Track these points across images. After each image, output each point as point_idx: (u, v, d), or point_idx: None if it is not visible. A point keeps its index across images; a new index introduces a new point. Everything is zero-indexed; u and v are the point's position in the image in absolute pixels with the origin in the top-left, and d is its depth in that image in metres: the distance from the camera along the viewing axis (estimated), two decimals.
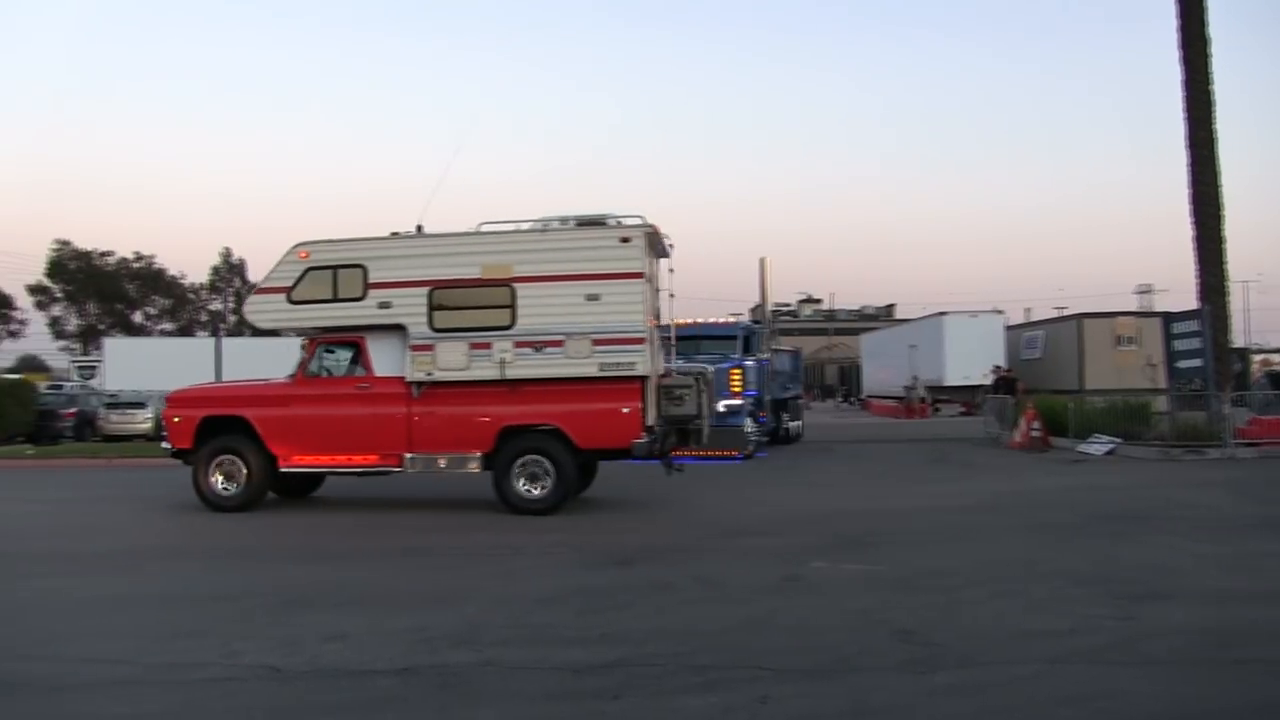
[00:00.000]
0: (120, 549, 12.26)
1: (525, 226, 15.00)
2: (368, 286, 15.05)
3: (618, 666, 6.73)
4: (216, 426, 15.59)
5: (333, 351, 15.76)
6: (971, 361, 43.01)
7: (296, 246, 15.47)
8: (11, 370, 72.33)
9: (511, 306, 14.63)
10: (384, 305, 14.97)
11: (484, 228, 15.13)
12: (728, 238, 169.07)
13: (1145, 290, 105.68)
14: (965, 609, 8.37)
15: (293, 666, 6.85)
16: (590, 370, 14.43)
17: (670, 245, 16.14)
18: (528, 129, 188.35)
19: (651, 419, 15.00)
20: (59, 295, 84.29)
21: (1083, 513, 13.90)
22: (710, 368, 24.06)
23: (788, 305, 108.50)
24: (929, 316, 51.15)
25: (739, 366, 25.24)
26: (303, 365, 15.77)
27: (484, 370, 14.64)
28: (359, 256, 15.20)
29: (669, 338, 17.19)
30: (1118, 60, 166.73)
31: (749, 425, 24.54)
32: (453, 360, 14.69)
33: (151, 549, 12.21)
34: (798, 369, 35.36)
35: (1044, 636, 7.38)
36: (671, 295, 16.99)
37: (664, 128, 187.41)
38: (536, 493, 14.67)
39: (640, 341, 14.39)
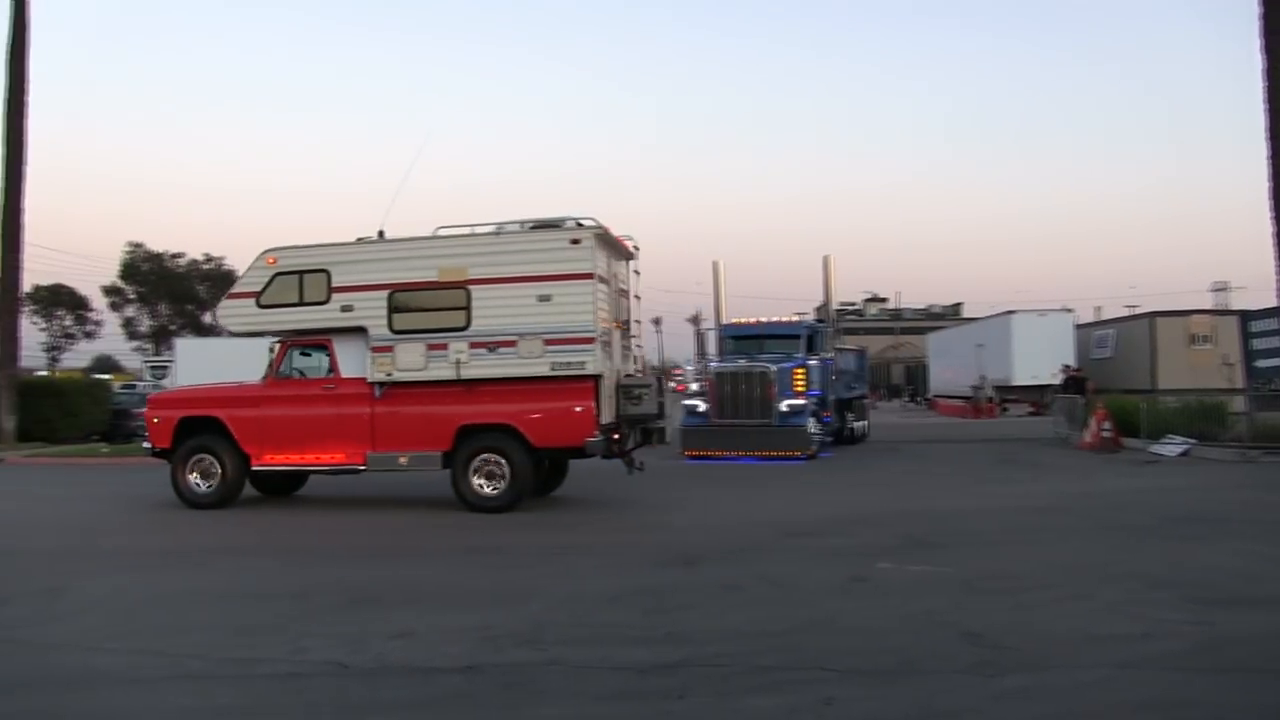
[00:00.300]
0: (188, 546, 12.47)
1: (481, 230, 15.39)
2: (331, 290, 15.56)
3: (682, 667, 6.72)
4: (194, 427, 16.21)
5: (306, 354, 16.33)
6: (1040, 361, 42.46)
7: (265, 253, 16.08)
8: (90, 370, 73.78)
9: (467, 308, 15.06)
10: (346, 308, 15.48)
11: (441, 232, 15.59)
12: (792, 237, 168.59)
13: (1221, 287, 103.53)
14: (1034, 611, 8.24)
15: (359, 663, 6.91)
16: (542, 370, 14.78)
17: (634, 249, 16.67)
18: (576, 126, 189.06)
19: (609, 418, 15.29)
20: (132, 296, 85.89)
21: (1156, 515, 13.65)
22: (773, 367, 24.16)
23: (853, 304, 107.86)
24: (996, 315, 50.55)
25: (802, 366, 25.17)
26: (273, 367, 16.33)
27: (441, 371, 15.08)
28: (323, 261, 15.73)
29: (635, 337, 17.48)
30: (1193, 52, 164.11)
31: (812, 425, 24.36)
32: (411, 361, 15.17)
33: (219, 546, 12.40)
34: (863, 368, 34.93)
35: (1115, 641, 7.25)
36: (637, 297, 17.44)
37: (722, 126, 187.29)
38: (491, 491, 15.08)
39: (590, 341, 14.65)
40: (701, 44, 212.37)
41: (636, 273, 17.25)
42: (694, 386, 26.36)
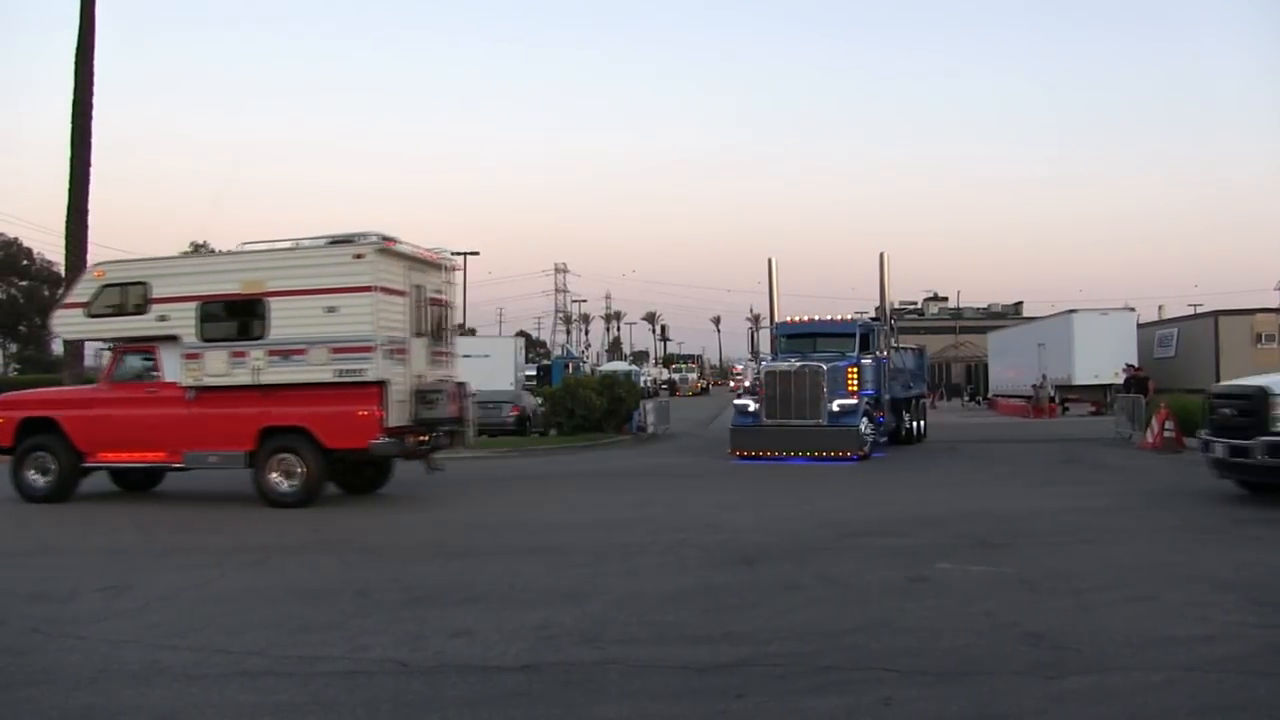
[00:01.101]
0: (245, 544, 12.63)
1: (280, 245, 16.46)
2: (150, 301, 16.74)
3: (741, 666, 6.73)
4: (34, 427, 17.36)
5: (139, 359, 17.18)
6: (1101, 360, 42.04)
7: (94, 266, 17.92)
8: None
9: (264, 318, 16.11)
10: (162, 318, 16.61)
11: (245, 247, 16.79)
12: (854, 236, 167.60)
13: None
14: (1097, 613, 8.15)
15: (419, 661, 6.98)
16: (328, 376, 15.79)
17: (447, 259, 18.03)
18: (667, 122, 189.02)
19: (401, 421, 16.23)
20: None
21: (1219, 515, 13.45)
22: (825, 366, 23.88)
23: (913, 304, 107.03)
24: (1058, 314, 50.08)
25: (855, 365, 24.89)
26: (107, 371, 17.51)
27: (242, 376, 16.13)
28: (143, 274, 17.01)
29: (446, 344, 18.27)
30: (1257, 54, 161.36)
31: (864, 425, 24.04)
32: (217, 367, 16.24)
33: (276, 544, 12.54)
34: (922, 367, 34.64)
35: (1180, 643, 7.16)
36: (452, 306, 18.50)
37: (799, 125, 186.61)
38: (286, 487, 16.04)
39: (370, 350, 15.58)
40: (780, 41, 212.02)
41: (450, 283, 18.38)
42: (746, 385, 26.17)
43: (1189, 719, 5.66)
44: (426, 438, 16.90)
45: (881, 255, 28.12)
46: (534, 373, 63.02)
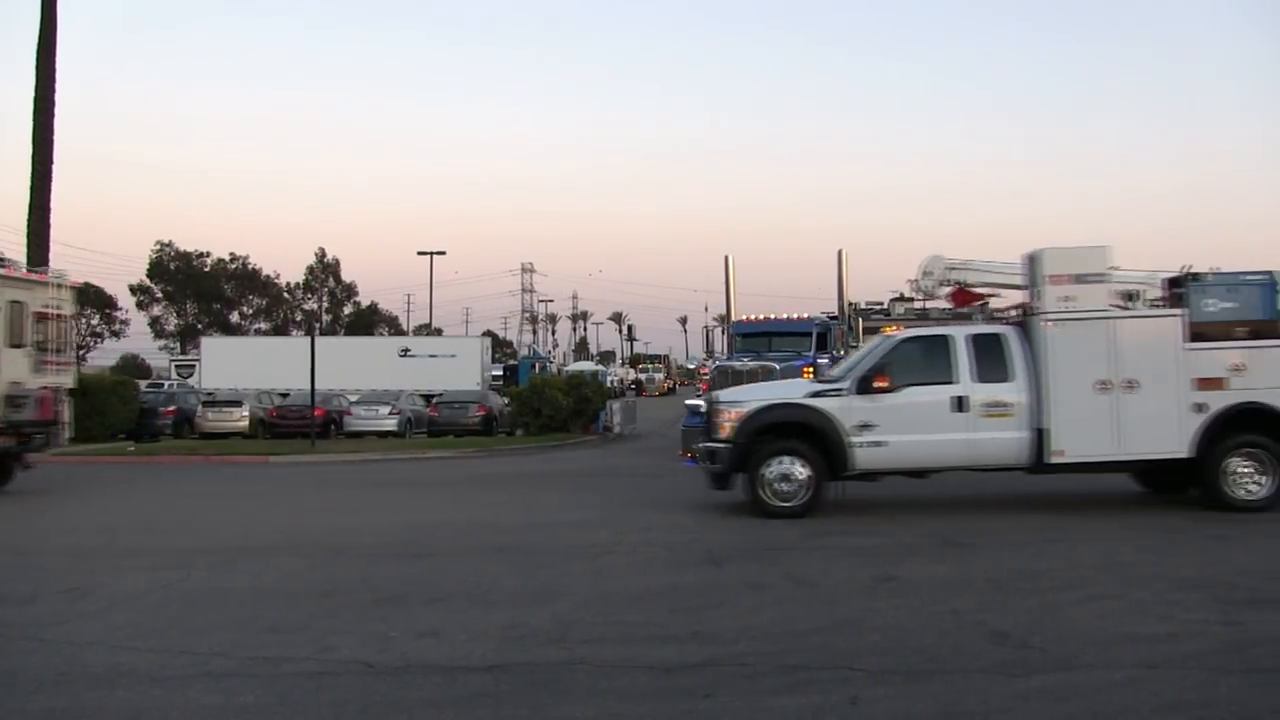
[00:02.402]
0: (211, 545, 12.49)
1: None
2: None
3: (709, 666, 6.73)
4: None
5: None
6: None
7: None
8: (117, 369, 74.11)
9: None
10: None
11: None
12: (821, 236, 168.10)
13: None
14: (1062, 611, 8.21)
15: (385, 662, 6.94)
16: None
17: (58, 278, 19.31)
18: (633, 122, 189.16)
19: None
20: (159, 295, 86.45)
21: (1184, 514, 13.54)
22: (777, 365, 23.20)
23: (880, 304, 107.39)
24: None
25: (811, 365, 23.62)
26: None
27: None
28: None
29: (51, 353, 19.26)
30: (1200, 57, 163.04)
31: None
32: None
33: (244, 545, 12.43)
34: None
35: (1144, 641, 7.22)
36: (67, 319, 19.64)
37: (761, 129, 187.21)
38: None
39: None
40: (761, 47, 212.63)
41: (63, 300, 19.40)
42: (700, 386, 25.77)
43: (1152, 716, 5.71)
44: (17, 439, 17.88)
45: (840, 253, 27.06)
46: (500, 373, 62.87)
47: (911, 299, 26.30)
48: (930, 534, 12.25)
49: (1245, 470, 13.53)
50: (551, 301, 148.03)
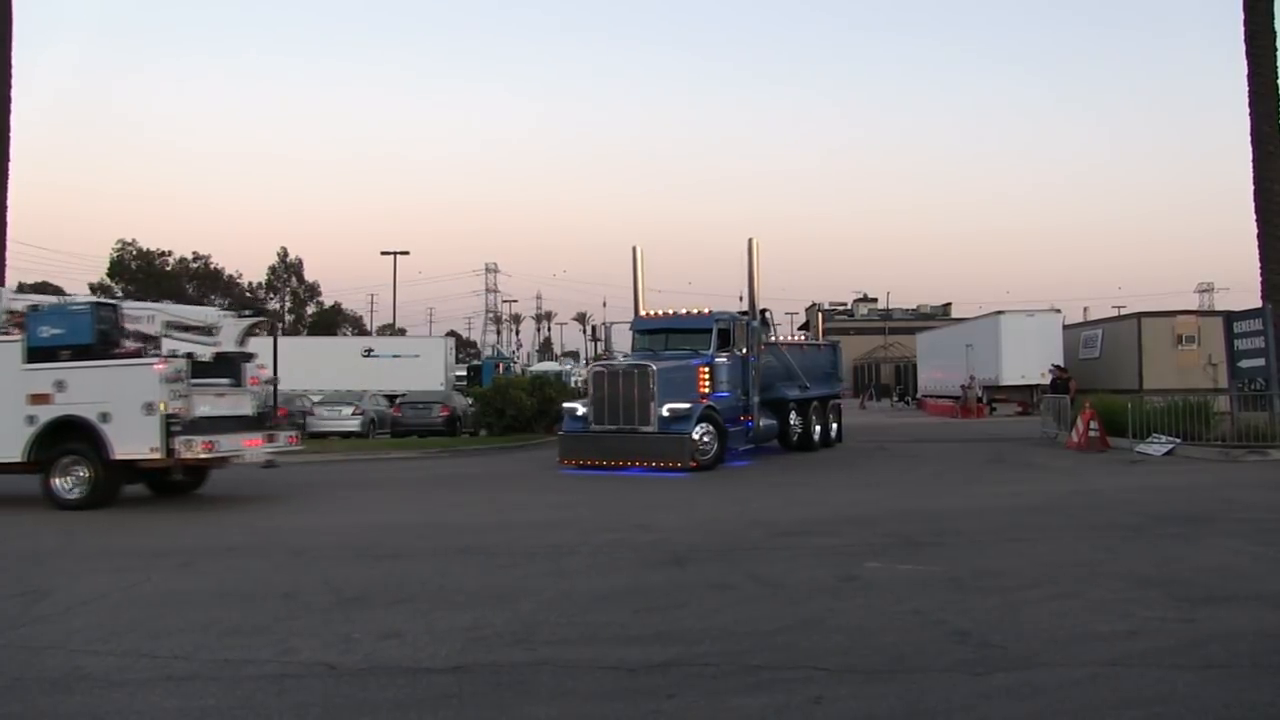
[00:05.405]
0: (173, 547, 12.41)
1: None
2: None
3: (672, 666, 6.73)
4: None
5: None
6: (1028, 361, 42.81)
7: None
8: None
9: None
10: None
11: None
12: (821, 236, 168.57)
13: (1206, 289, 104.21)
14: (1023, 610, 8.27)
15: (348, 664, 6.90)
16: None
17: None
18: (597, 123, 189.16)
19: None
20: (119, 295, 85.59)
21: (1142, 514, 13.70)
22: (654, 365, 21.72)
23: (843, 305, 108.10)
24: (986, 316, 50.82)
25: (707, 364, 22.75)
26: None
27: None
28: None
29: None
30: (1178, 58, 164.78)
31: (700, 433, 21.46)
32: None
33: (205, 547, 12.32)
34: (836, 365, 31.49)
35: (1104, 639, 7.28)
36: None
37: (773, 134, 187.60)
38: None
39: None
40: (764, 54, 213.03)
41: None
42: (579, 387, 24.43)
43: (1111, 713, 5.76)
44: None
45: (750, 241, 25.24)
46: (464, 373, 62.82)
47: (874, 300, 26.27)
48: (892, 534, 12.31)
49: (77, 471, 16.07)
50: (516, 302, 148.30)
